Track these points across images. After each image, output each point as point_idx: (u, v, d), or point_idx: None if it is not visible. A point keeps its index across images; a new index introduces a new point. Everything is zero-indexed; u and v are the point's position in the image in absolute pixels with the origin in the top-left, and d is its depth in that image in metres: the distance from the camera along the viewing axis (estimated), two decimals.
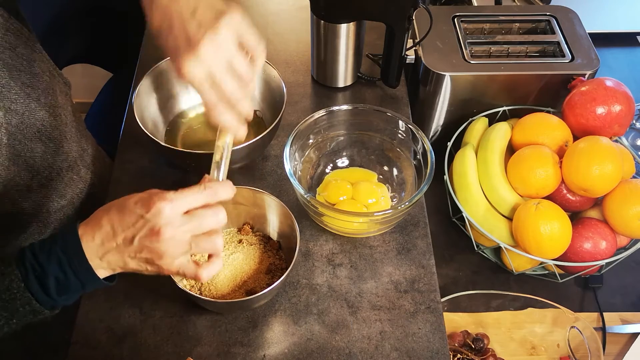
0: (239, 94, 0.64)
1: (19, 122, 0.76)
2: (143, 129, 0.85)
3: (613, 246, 0.89)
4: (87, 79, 1.62)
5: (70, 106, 0.90)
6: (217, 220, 0.61)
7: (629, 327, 0.93)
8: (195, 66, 0.60)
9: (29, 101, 0.77)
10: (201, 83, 0.62)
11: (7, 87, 0.74)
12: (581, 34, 1.02)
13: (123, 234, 0.59)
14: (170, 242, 0.59)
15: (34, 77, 0.78)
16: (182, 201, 0.59)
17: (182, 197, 0.59)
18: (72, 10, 1.20)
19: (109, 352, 0.76)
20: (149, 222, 0.58)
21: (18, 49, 0.76)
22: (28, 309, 0.60)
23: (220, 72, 0.62)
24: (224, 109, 0.64)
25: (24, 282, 0.58)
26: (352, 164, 0.95)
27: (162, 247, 0.59)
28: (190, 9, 0.62)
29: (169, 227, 0.58)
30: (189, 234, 0.60)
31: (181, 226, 0.59)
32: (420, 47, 1.00)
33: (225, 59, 0.62)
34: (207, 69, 0.61)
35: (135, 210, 0.58)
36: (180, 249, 0.60)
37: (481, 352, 0.89)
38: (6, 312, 0.59)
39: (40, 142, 0.80)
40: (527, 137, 0.94)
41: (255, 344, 0.77)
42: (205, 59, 0.60)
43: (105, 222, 0.59)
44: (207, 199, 0.61)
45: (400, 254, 0.86)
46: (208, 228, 0.61)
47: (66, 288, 0.60)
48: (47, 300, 0.60)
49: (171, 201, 0.58)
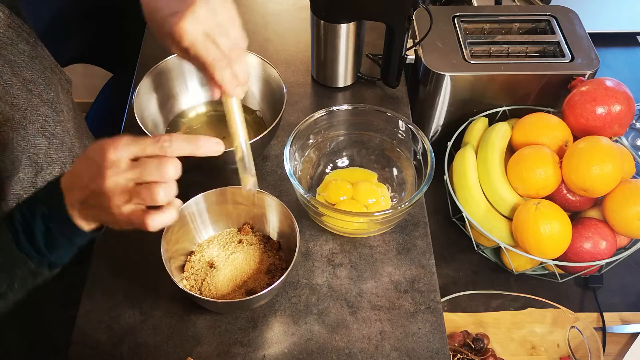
0: (235, 53, 0.65)
1: (22, 118, 0.76)
2: (143, 129, 0.85)
3: (613, 246, 0.89)
4: (87, 79, 1.62)
5: (71, 103, 0.90)
6: (162, 172, 0.56)
7: (629, 327, 0.93)
8: (194, 24, 0.62)
9: (31, 97, 0.78)
10: (200, 40, 0.63)
11: (10, 82, 0.74)
12: (581, 34, 1.02)
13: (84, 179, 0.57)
14: (113, 187, 0.56)
15: (35, 74, 0.79)
16: (128, 147, 0.56)
17: (130, 142, 0.56)
18: (72, 11, 1.20)
19: (109, 352, 0.76)
20: (97, 165, 0.56)
21: (19, 45, 0.76)
22: (26, 270, 0.60)
23: (215, 32, 0.63)
24: (224, 66, 0.65)
25: (15, 242, 0.58)
26: (352, 164, 0.95)
27: (105, 192, 0.56)
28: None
29: (112, 171, 0.55)
30: (132, 182, 0.56)
31: (124, 172, 0.56)
32: (420, 47, 1.00)
33: (219, 20, 0.64)
34: (203, 28, 0.62)
35: (92, 156, 0.57)
36: (123, 196, 0.56)
37: (481, 352, 0.89)
38: (7, 276, 0.60)
39: (43, 137, 0.80)
40: (527, 137, 0.94)
41: (255, 344, 0.77)
42: (202, 18, 0.62)
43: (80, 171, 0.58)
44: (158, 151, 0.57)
45: (400, 254, 0.86)
46: (151, 178, 0.56)
47: (54, 242, 0.59)
48: (39, 257, 0.60)
49: (119, 145, 0.56)
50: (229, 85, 0.67)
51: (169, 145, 0.57)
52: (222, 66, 0.65)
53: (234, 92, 0.68)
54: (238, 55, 0.66)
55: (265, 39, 1.15)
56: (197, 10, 0.62)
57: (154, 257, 0.74)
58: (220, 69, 0.65)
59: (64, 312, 0.86)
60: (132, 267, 0.83)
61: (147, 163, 0.56)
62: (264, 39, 1.15)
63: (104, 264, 0.84)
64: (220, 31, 0.64)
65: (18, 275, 0.60)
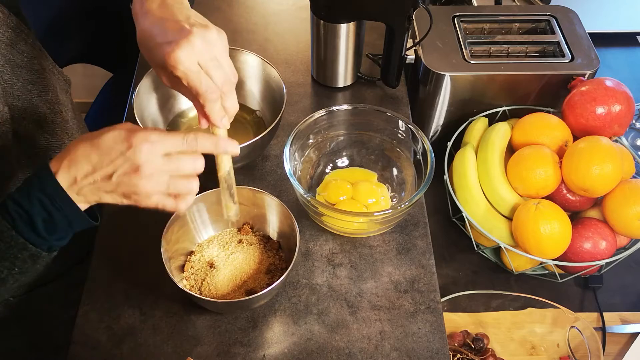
0: (227, 86, 0.66)
1: (22, 118, 0.76)
2: None
3: (613, 246, 0.89)
4: (87, 79, 1.62)
5: (70, 103, 0.90)
6: (195, 166, 0.62)
7: (628, 327, 0.93)
8: (189, 54, 0.62)
9: (31, 97, 0.78)
10: (194, 70, 0.63)
11: (10, 82, 0.74)
12: (581, 34, 1.02)
13: (102, 171, 0.59)
14: (148, 179, 0.60)
15: (34, 74, 0.79)
16: (161, 144, 0.60)
17: (162, 140, 0.60)
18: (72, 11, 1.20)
19: (109, 352, 0.76)
20: (129, 160, 0.59)
21: (19, 45, 0.76)
22: (26, 254, 0.61)
23: (210, 64, 0.64)
24: (215, 98, 0.65)
25: (14, 230, 0.59)
26: (352, 163, 0.95)
27: (140, 184, 0.60)
28: (183, 16, 0.65)
29: (148, 165, 0.59)
30: (167, 175, 0.61)
31: (161, 166, 0.60)
32: (420, 47, 1.00)
33: (214, 54, 0.64)
34: (198, 59, 0.63)
35: (114, 147, 0.59)
36: (158, 187, 0.61)
37: (481, 352, 0.89)
38: (7, 262, 0.61)
39: (43, 138, 0.81)
40: (527, 137, 0.94)
41: (255, 344, 0.77)
42: (197, 49, 0.62)
43: (82, 158, 0.59)
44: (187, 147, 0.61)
45: (400, 254, 0.86)
46: (185, 172, 0.62)
47: (54, 227, 0.61)
48: (40, 241, 0.61)
49: (152, 143, 0.59)
50: (217, 117, 0.67)
51: (196, 144, 0.61)
52: (213, 98, 0.65)
53: (221, 124, 0.68)
54: (229, 90, 0.67)
55: (265, 39, 1.15)
56: (194, 41, 0.62)
57: (154, 257, 0.74)
58: (211, 101, 0.65)
59: (64, 312, 0.86)
60: (132, 267, 0.83)
61: (182, 159, 0.61)
62: (264, 39, 1.15)
63: (104, 264, 0.84)
64: (214, 64, 0.64)
65: (19, 259, 0.61)
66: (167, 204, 0.63)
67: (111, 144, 0.59)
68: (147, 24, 0.66)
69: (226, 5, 1.22)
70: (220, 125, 0.68)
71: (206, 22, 0.66)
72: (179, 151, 0.61)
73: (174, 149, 0.60)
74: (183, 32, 0.62)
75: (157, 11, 0.66)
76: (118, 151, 0.58)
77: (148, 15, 0.66)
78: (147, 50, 0.67)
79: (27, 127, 0.77)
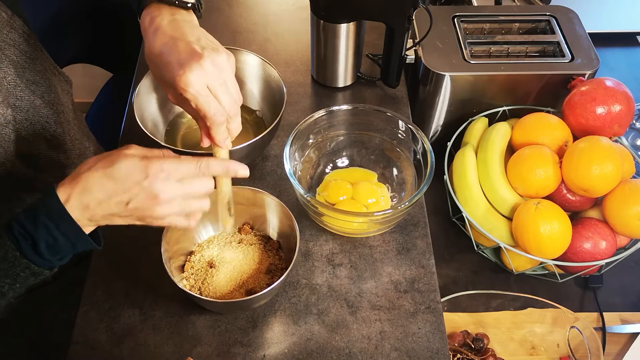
0: (233, 110, 0.68)
1: (24, 119, 0.77)
2: (143, 129, 0.85)
3: (613, 246, 0.89)
4: (87, 79, 1.62)
5: (71, 104, 0.90)
6: (207, 188, 0.65)
7: (628, 327, 0.93)
8: (198, 77, 0.64)
9: (34, 98, 0.78)
10: (203, 93, 0.65)
11: (13, 83, 0.75)
12: (581, 34, 1.02)
13: (118, 198, 0.60)
14: (165, 205, 0.62)
15: (37, 75, 0.79)
16: (176, 172, 0.62)
17: (176, 168, 0.62)
18: (72, 11, 1.20)
19: (109, 352, 0.76)
20: (146, 189, 0.60)
21: (21, 46, 0.76)
22: (28, 272, 0.62)
23: (218, 89, 0.66)
24: (222, 121, 0.67)
25: (19, 251, 0.60)
26: (352, 163, 0.95)
27: (156, 209, 0.62)
28: (194, 36, 0.67)
29: (165, 193, 0.61)
30: (181, 198, 0.63)
31: (176, 192, 0.62)
32: (420, 47, 1.00)
33: (223, 78, 0.66)
34: (207, 81, 0.65)
35: (130, 177, 0.60)
36: (173, 210, 0.63)
37: (481, 352, 0.89)
38: (8, 279, 0.62)
39: (44, 139, 0.81)
40: (527, 137, 0.94)
41: (255, 344, 0.77)
42: (207, 73, 0.64)
43: (96, 187, 0.60)
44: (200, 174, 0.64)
45: (400, 254, 0.86)
46: (198, 195, 0.64)
47: (57, 250, 0.61)
48: (43, 262, 0.62)
49: (167, 172, 0.61)
50: (221, 139, 0.69)
51: (208, 170, 0.64)
52: (221, 121, 0.67)
53: (224, 145, 0.70)
54: (235, 113, 0.69)
55: (265, 39, 1.15)
56: (204, 65, 0.64)
57: (153, 257, 0.74)
58: (218, 124, 0.67)
59: (64, 312, 0.86)
60: (132, 267, 0.83)
61: (194, 183, 0.63)
62: (264, 39, 1.15)
63: (104, 264, 0.84)
64: (223, 89, 0.66)
65: (21, 276, 0.62)
66: (180, 223, 0.65)
67: (126, 173, 0.60)
68: (158, 43, 0.67)
69: (226, 5, 1.22)
70: (223, 146, 0.70)
71: (216, 45, 0.68)
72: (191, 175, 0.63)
73: (188, 176, 0.63)
74: (195, 56, 0.64)
75: (167, 28, 0.68)
76: (134, 181, 0.60)
77: (158, 33, 0.67)
78: (157, 68, 0.68)
79: (29, 128, 0.78)
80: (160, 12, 0.69)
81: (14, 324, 0.90)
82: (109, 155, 0.61)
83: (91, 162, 0.62)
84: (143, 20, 0.70)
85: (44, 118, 0.80)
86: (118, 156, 0.61)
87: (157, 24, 0.68)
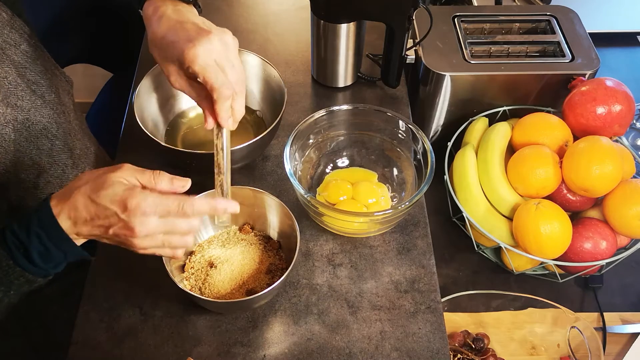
0: (239, 86, 0.69)
1: (25, 119, 0.77)
2: (143, 129, 0.85)
3: (613, 246, 0.89)
4: (87, 79, 1.62)
5: (72, 104, 0.90)
6: (190, 226, 0.65)
7: (629, 327, 0.93)
8: (207, 50, 0.65)
9: (35, 98, 0.78)
10: (211, 65, 0.66)
11: (14, 83, 0.75)
12: (581, 33, 1.02)
13: (99, 221, 0.61)
14: (143, 239, 0.63)
15: (38, 75, 0.79)
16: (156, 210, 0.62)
17: (157, 205, 0.61)
18: (72, 11, 1.20)
19: (109, 352, 0.76)
20: (123, 221, 0.61)
21: (22, 46, 0.76)
22: (22, 280, 0.63)
23: (225, 63, 0.67)
24: (228, 95, 0.67)
25: (12, 260, 0.61)
26: (352, 164, 0.95)
27: (134, 242, 0.63)
28: (199, 20, 0.70)
29: (143, 228, 0.61)
30: (162, 235, 0.64)
31: (155, 228, 0.62)
32: (420, 47, 1.00)
33: (229, 56, 0.68)
34: (214, 56, 0.66)
35: (110, 206, 0.60)
36: (153, 243, 0.64)
37: (481, 352, 0.89)
38: (2, 287, 0.63)
39: (45, 139, 0.81)
40: (527, 137, 0.94)
41: (256, 344, 0.77)
42: (215, 47, 0.66)
43: (82, 207, 0.61)
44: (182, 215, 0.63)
45: (400, 254, 0.86)
46: (180, 231, 0.64)
47: (50, 258, 0.63)
48: (37, 270, 0.63)
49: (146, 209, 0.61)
50: (224, 115, 0.69)
51: (192, 210, 0.63)
52: (227, 95, 0.67)
53: (227, 124, 0.70)
54: (241, 90, 0.70)
55: (265, 39, 1.15)
56: (213, 40, 0.66)
57: (154, 257, 0.73)
58: (225, 97, 0.67)
59: (64, 312, 0.86)
60: (132, 267, 0.83)
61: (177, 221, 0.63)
62: (264, 39, 1.15)
63: (104, 264, 0.83)
64: (229, 64, 0.67)
65: (15, 284, 0.63)
66: (164, 253, 0.67)
67: (109, 202, 0.60)
68: (164, 27, 0.69)
69: (226, 5, 1.22)
70: (226, 125, 0.70)
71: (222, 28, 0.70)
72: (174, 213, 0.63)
73: (170, 213, 0.62)
74: (203, 32, 0.66)
75: (172, 15, 0.70)
76: (113, 211, 0.60)
77: (163, 19, 0.69)
78: (161, 50, 0.69)
79: (30, 128, 0.78)
80: (164, 3, 0.71)
81: (14, 324, 0.90)
82: (99, 177, 0.62)
83: (84, 179, 0.62)
84: (146, 10, 0.72)
85: (45, 118, 0.80)
86: (106, 180, 0.61)
87: (162, 12, 0.70)
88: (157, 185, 0.64)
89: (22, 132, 0.76)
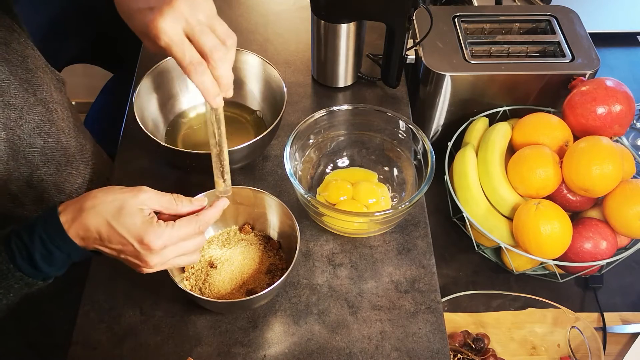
0: (218, 53, 0.59)
1: (18, 117, 0.76)
2: (143, 129, 0.85)
3: (613, 246, 0.89)
4: (87, 79, 1.62)
5: (65, 102, 0.90)
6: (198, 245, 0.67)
7: (629, 327, 0.93)
8: (172, 21, 0.56)
9: (27, 96, 0.78)
10: (177, 41, 0.57)
11: (7, 81, 0.74)
12: (581, 33, 1.02)
13: (112, 245, 0.62)
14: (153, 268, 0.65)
15: (29, 73, 0.79)
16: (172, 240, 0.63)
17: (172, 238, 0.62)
18: (72, 11, 1.20)
19: (109, 352, 0.76)
20: (139, 252, 0.62)
21: (12, 44, 0.76)
22: (22, 284, 0.63)
23: (197, 30, 0.58)
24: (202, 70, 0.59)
25: (13, 263, 0.61)
26: (352, 164, 0.95)
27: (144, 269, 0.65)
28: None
29: (158, 259, 0.63)
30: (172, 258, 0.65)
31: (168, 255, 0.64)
32: (420, 47, 1.00)
33: (200, 18, 0.58)
34: (184, 24, 0.57)
35: (127, 237, 0.61)
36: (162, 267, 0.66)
37: (481, 352, 0.89)
38: (2, 289, 0.63)
39: (38, 136, 0.80)
40: (527, 137, 0.94)
41: (256, 344, 0.77)
42: (183, 13, 0.57)
43: (94, 229, 0.61)
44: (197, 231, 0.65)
45: (400, 254, 0.86)
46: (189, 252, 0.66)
47: (52, 261, 0.62)
48: (38, 273, 0.63)
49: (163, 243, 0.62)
50: (209, 92, 0.61)
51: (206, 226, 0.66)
52: (199, 70, 0.59)
53: (215, 101, 0.62)
54: (222, 56, 0.60)
55: (265, 39, 1.15)
56: (177, 6, 0.56)
57: None
58: (198, 73, 0.59)
59: (64, 312, 0.86)
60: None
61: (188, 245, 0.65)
62: (264, 39, 1.15)
63: (104, 264, 0.83)
64: (202, 29, 0.58)
65: (14, 287, 0.63)
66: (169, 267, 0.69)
67: (125, 231, 0.61)
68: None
69: (226, 5, 1.22)
70: (214, 104, 0.62)
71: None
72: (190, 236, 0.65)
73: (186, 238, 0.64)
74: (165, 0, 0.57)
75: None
76: (129, 241, 0.61)
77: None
78: (127, 16, 0.64)
79: (23, 126, 0.77)
80: None
81: (14, 324, 0.90)
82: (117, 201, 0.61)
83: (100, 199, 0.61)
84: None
85: (38, 116, 0.80)
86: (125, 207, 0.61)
87: None
88: (179, 209, 0.65)
89: (14, 131, 0.76)
